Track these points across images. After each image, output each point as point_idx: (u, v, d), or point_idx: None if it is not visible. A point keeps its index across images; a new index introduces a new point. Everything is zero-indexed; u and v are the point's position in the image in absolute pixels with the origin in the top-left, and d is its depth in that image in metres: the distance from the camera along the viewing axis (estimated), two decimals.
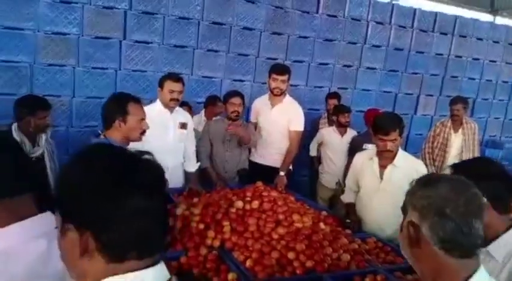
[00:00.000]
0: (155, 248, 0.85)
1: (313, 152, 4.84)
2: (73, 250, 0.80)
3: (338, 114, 4.53)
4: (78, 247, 0.79)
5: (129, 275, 0.80)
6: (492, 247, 1.45)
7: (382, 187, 2.69)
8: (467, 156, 4.65)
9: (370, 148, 3.92)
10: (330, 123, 4.89)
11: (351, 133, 4.56)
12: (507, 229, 1.47)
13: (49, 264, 0.98)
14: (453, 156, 4.68)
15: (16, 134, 2.96)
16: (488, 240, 1.44)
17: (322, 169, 4.65)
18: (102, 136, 2.34)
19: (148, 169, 0.86)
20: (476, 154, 4.73)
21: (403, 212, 1.17)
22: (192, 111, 4.52)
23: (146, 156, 0.88)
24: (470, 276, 1.03)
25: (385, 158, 2.67)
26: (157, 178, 0.87)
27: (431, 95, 6.91)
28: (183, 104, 4.28)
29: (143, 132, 2.40)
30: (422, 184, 1.13)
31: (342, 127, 4.53)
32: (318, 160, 4.76)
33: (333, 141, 4.52)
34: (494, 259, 1.45)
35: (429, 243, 1.04)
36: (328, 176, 4.56)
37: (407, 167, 2.63)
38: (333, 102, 4.99)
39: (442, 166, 4.70)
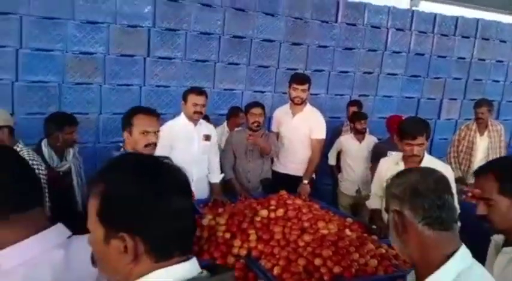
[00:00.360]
0: (191, 243, 0.93)
1: (331, 161, 4.83)
2: (120, 257, 0.85)
3: (354, 121, 4.54)
4: (125, 253, 0.84)
5: (176, 267, 0.86)
6: None
7: None
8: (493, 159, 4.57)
9: (393, 156, 3.93)
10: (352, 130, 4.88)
11: (369, 139, 4.55)
12: None
13: (70, 272, 1.02)
14: (479, 159, 4.60)
15: (45, 149, 3.15)
16: None
17: (341, 177, 4.64)
18: (122, 149, 2.41)
19: (172, 171, 0.92)
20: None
21: (386, 211, 1.29)
22: (210, 123, 4.61)
23: (166, 160, 0.94)
24: (455, 252, 1.14)
25: (411, 162, 2.66)
26: (185, 178, 0.93)
27: (455, 99, 6.82)
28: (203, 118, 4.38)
29: (148, 145, 2.37)
30: (395, 176, 1.30)
31: (360, 134, 4.52)
32: (338, 168, 4.75)
33: (351, 148, 4.52)
34: None
35: (413, 223, 1.17)
36: (347, 183, 4.55)
37: None
38: (353, 109, 5.00)
39: (468, 170, 4.63)
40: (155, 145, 2.44)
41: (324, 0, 5.75)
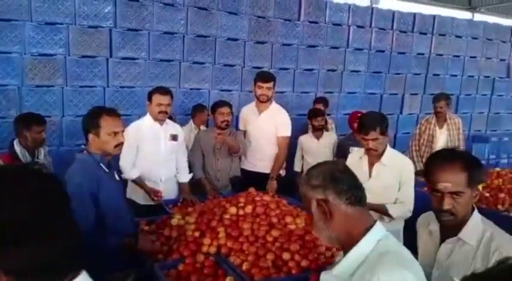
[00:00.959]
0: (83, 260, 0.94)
1: (297, 167, 4.68)
2: None
3: (311, 118, 4.54)
4: None
5: None
6: (463, 234, 1.57)
7: (370, 185, 2.76)
8: None
9: (357, 151, 4.03)
10: None
11: (327, 136, 4.58)
12: (471, 214, 1.58)
13: None
14: None
15: (17, 148, 3.25)
16: (459, 228, 1.59)
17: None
18: (85, 152, 2.38)
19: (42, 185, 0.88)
20: (462, 149, 4.83)
21: (307, 209, 1.39)
22: (176, 122, 4.59)
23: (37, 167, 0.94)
24: (372, 225, 1.32)
25: (373, 156, 2.74)
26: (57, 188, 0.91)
27: (416, 94, 7.05)
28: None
29: (118, 145, 2.38)
30: (309, 170, 1.42)
31: (317, 131, 4.53)
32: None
33: (310, 146, 4.53)
34: (469, 244, 1.56)
35: (338, 205, 1.31)
36: None
37: (395, 165, 2.71)
38: (319, 106, 5.06)
39: None
40: (123, 144, 2.42)
41: None
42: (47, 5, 4.37)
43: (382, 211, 2.66)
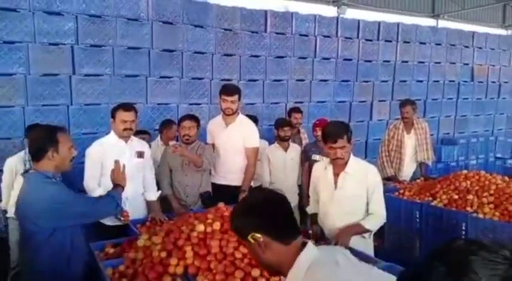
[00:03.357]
0: None
1: (265, 182, 4.38)
2: None
3: (278, 127, 4.39)
4: None
5: None
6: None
7: (336, 195, 2.76)
8: (421, 155, 4.83)
9: (318, 158, 4.02)
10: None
11: (294, 148, 4.49)
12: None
13: None
14: (409, 156, 4.83)
15: None
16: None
17: None
18: (32, 171, 2.31)
19: None
20: (430, 152, 4.90)
21: (246, 244, 1.44)
22: (149, 138, 4.51)
23: None
24: (301, 249, 1.36)
25: (338, 165, 2.73)
26: None
27: (384, 101, 7.17)
28: (142, 133, 4.25)
29: (72, 159, 2.40)
30: (237, 209, 1.48)
31: (284, 141, 4.39)
32: None
33: (277, 157, 4.39)
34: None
35: (270, 241, 1.36)
36: None
37: (359, 173, 2.71)
38: (299, 116, 4.96)
39: (399, 167, 4.85)
40: (74, 158, 2.43)
41: (251, 11, 5.85)
42: (4, 24, 4.24)
43: (361, 230, 2.68)
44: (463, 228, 3.37)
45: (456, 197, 3.63)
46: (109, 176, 3.29)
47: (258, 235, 1.35)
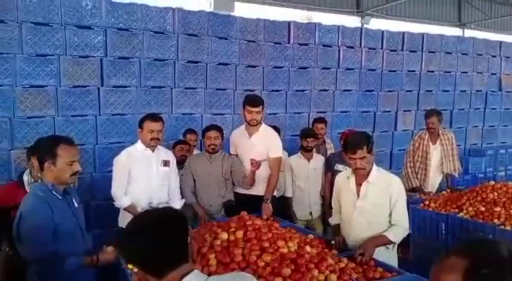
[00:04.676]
0: None
1: (289, 192, 4.41)
2: None
3: (302, 138, 4.41)
4: None
5: None
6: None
7: (358, 205, 2.75)
8: (447, 166, 4.74)
9: (341, 168, 4.01)
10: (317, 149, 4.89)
11: (318, 158, 4.49)
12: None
13: None
14: (434, 167, 4.76)
15: (26, 177, 3.21)
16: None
17: (293, 202, 4.41)
18: (30, 178, 2.37)
19: None
20: (457, 163, 4.81)
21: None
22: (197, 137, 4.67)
23: None
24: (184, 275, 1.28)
25: (360, 175, 2.73)
26: None
27: (409, 111, 7.09)
28: (182, 143, 4.39)
29: (74, 173, 2.36)
30: (124, 246, 1.38)
31: (307, 152, 4.40)
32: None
33: (300, 168, 4.39)
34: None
35: (144, 274, 1.29)
36: (299, 208, 4.40)
37: (382, 183, 2.70)
38: (321, 126, 4.94)
39: (424, 179, 4.77)
40: (78, 172, 2.40)
41: (275, 22, 5.92)
42: (38, 37, 4.43)
43: (384, 241, 2.67)
44: None
45: (483, 209, 3.55)
46: (135, 184, 3.39)
47: (130, 267, 1.37)
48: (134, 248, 1.30)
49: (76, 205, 2.45)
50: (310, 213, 4.42)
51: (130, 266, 1.36)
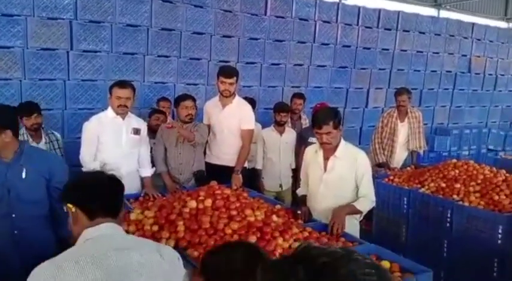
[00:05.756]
0: None
1: (259, 164, 4.51)
2: None
3: (276, 111, 4.47)
4: None
5: None
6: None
7: (325, 178, 2.84)
8: (413, 144, 4.90)
9: (315, 141, 4.08)
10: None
11: (290, 132, 4.57)
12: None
13: None
14: (401, 144, 4.91)
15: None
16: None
17: (263, 173, 4.51)
18: None
19: None
20: (422, 141, 4.98)
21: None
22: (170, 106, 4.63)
23: None
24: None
25: (327, 150, 2.80)
26: None
27: (381, 88, 7.20)
28: (158, 112, 4.36)
29: None
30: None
31: (280, 126, 4.48)
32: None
33: (272, 141, 4.46)
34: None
35: (80, 214, 1.53)
36: (269, 180, 4.50)
37: (348, 158, 2.78)
38: (300, 102, 4.98)
39: (391, 155, 4.92)
40: None
41: None
42: None
43: (353, 210, 2.77)
44: (449, 215, 3.45)
45: (444, 185, 3.71)
46: (104, 151, 3.36)
47: (71, 206, 1.54)
48: (83, 195, 1.55)
49: (24, 175, 2.36)
50: (280, 185, 4.52)
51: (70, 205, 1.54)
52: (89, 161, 3.28)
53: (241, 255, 1.33)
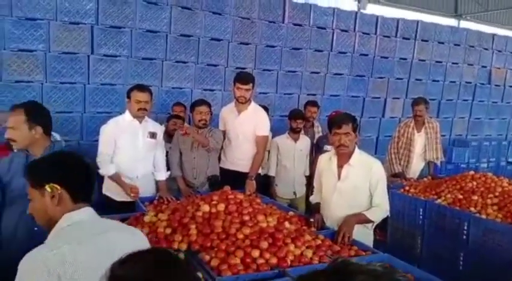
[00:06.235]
0: None
1: (272, 171, 4.48)
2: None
3: (291, 119, 4.46)
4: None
5: None
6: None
7: (338, 186, 2.81)
8: (430, 154, 4.83)
9: (329, 149, 4.06)
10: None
11: (304, 139, 4.56)
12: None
13: None
14: (417, 154, 4.84)
15: None
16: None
17: (277, 180, 4.48)
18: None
19: None
20: (439, 152, 4.90)
21: (33, 193, 1.48)
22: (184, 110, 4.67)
23: None
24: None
25: (342, 157, 2.78)
26: None
27: (398, 98, 7.14)
28: (176, 117, 4.42)
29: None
30: (41, 160, 1.58)
31: (295, 133, 4.46)
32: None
33: (287, 148, 4.45)
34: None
35: (65, 195, 1.45)
36: (283, 187, 4.47)
37: (363, 166, 2.75)
38: (314, 110, 4.97)
39: (407, 165, 4.86)
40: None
41: (270, 0, 5.87)
42: (28, 1, 4.34)
43: (363, 219, 2.74)
44: (465, 228, 3.39)
45: (461, 197, 3.65)
46: (121, 154, 3.41)
47: (57, 186, 1.43)
48: (72, 175, 1.49)
49: None
50: (294, 192, 4.50)
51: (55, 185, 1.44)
52: (105, 164, 3.33)
53: (150, 264, 1.07)
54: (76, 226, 1.42)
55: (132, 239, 1.49)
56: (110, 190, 3.40)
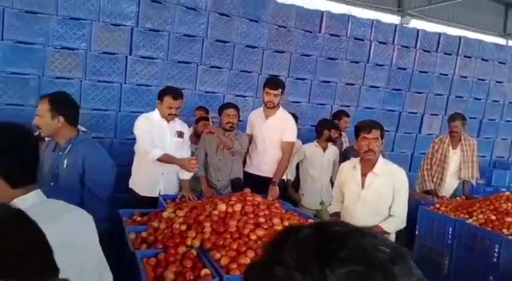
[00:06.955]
0: None
1: (289, 175, 4.34)
2: None
3: (326, 128, 4.42)
4: None
5: None
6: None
7: (363, 195, 2.74)
8: (465, 173, 4.62)
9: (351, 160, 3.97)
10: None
11: (331, 148, 4.49)
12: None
13: None
14: (451, 172, 4.63)
15: None
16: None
17: (303, 190, 4.45)
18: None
19: None
20: (475, 171, 4.68)
21: None
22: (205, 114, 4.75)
23: None
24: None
25: (367, 165, 2.71)
26: None
27: (436, 115, 6.92)
28: (200, 108, 4.57)
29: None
30: None
31: (327, 142, 4.43)
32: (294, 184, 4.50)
33: (315, 157, 4.40)
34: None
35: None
36: (310, 197, 4.43)
37: (387, 175, 2.68)
38: (348, 120, 4.93)
39: (440, 183, 4.67)
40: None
41: (308, 10, 5.87)
42: (73, 1, 4.55)
43: (380, 232, 2.64)
44: (496, 250, 3.21)
45: (494, 217, 3.47)
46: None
47: None
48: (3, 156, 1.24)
49: (65, 164, 2.45)
50: (321, 202, 4.42)
51: None
52: (151, 149, 3.32)
53: None
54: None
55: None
56: (135, 184, 3.47)
